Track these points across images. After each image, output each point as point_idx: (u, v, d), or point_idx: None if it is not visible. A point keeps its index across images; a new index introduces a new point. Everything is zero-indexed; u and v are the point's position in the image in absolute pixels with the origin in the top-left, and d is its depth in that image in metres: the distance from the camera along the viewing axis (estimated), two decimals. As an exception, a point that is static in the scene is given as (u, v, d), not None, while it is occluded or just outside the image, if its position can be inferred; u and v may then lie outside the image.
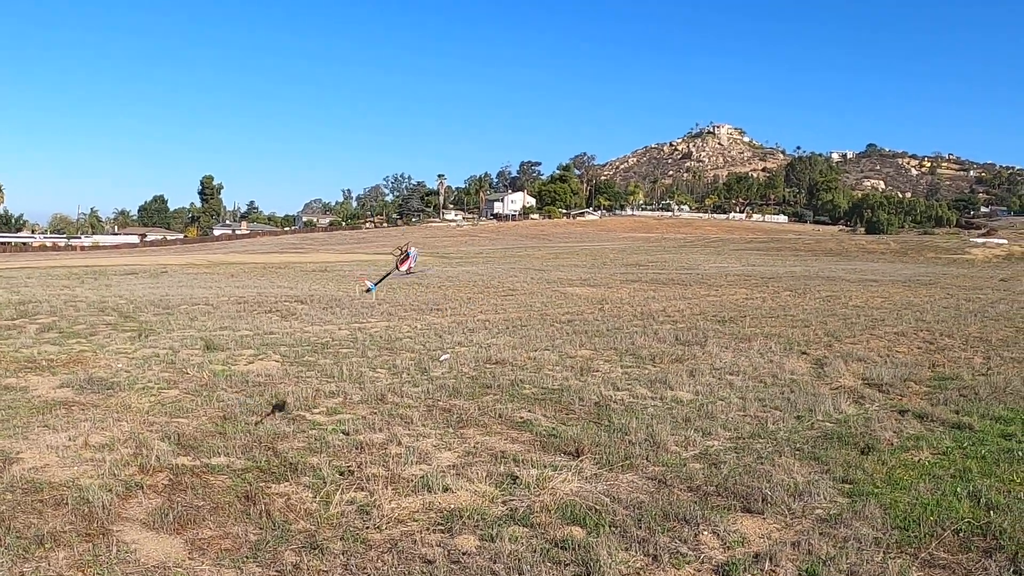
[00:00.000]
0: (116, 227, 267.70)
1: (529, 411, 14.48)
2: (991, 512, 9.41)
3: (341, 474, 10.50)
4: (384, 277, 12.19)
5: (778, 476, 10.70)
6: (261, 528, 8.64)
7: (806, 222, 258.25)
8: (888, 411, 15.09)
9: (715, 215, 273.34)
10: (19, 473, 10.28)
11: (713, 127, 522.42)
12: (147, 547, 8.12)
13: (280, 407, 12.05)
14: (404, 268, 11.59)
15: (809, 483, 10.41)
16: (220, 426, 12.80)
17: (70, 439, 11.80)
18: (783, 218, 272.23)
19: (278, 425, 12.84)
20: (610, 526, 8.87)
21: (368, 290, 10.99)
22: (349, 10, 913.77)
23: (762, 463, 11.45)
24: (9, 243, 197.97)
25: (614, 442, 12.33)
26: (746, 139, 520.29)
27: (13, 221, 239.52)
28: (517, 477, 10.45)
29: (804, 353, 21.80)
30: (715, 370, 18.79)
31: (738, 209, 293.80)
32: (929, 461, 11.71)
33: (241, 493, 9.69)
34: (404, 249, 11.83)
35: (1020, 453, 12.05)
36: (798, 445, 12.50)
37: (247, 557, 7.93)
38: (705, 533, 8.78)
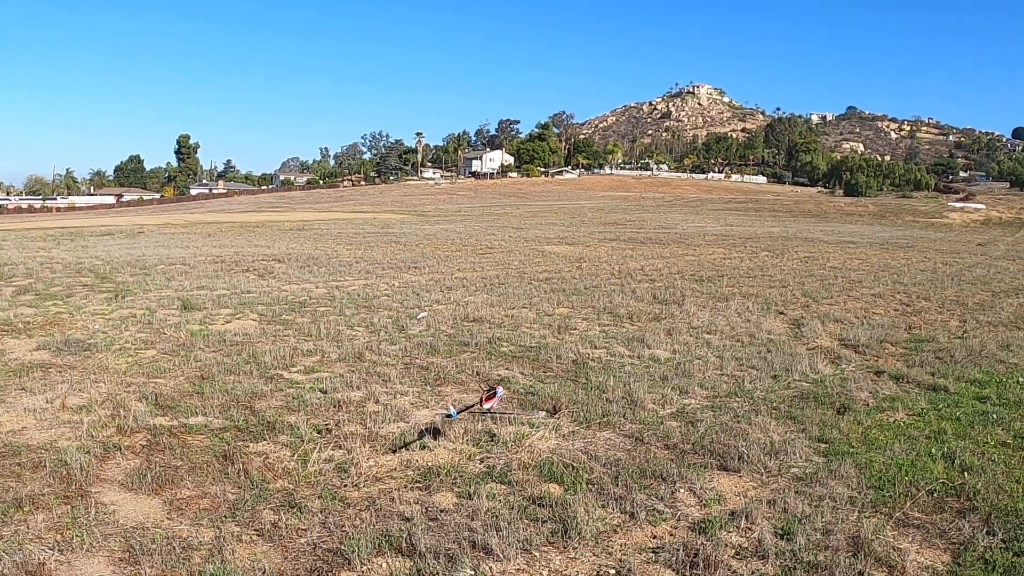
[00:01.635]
0: (92, 188, 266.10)
1: (507, 369, 14.53)
2: (965, 473, 9.49)
3: (319, 432, 10.52)
4: (467, 408, 12.14)
5: (754, 435, 10.77)
6: (239, 487, 8.65)
7: (785, 183, 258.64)
8: (864, 372, 15.18)
9: (694, 175, 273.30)
10: (-4, 436, 10.27)
11: (693, 87, 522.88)
12: (126, 508, 8.13)
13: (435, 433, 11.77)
14: (488, 406, 11.53)
15: (785, 442, 10.48)
16: (198, 386, 12.78)
17: (47, 401, 11.76)
18: (762, 179, 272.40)
19: (255, 384, 12.84)
20: (587, 483, 8.92)
21: (449, 416, 10.90)
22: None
23: (739, 422, 11.52)
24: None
25: (592, 400, 12.38)
26: (726, 99, 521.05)
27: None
28: (494, 435, 10.50)
29: (781, 313, 21.92)
30: (692, 329, 18.86)
31: (717, 169, 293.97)
32: (904, 422, 11.80)
33: (219, 453, 9.69)
34: (494, 387, 11.78)
35: (994, 416, 12.15)
36: (775, 404, 12.58)
37: (225, 516, 7.95)
38: (682, 491, 8.84)
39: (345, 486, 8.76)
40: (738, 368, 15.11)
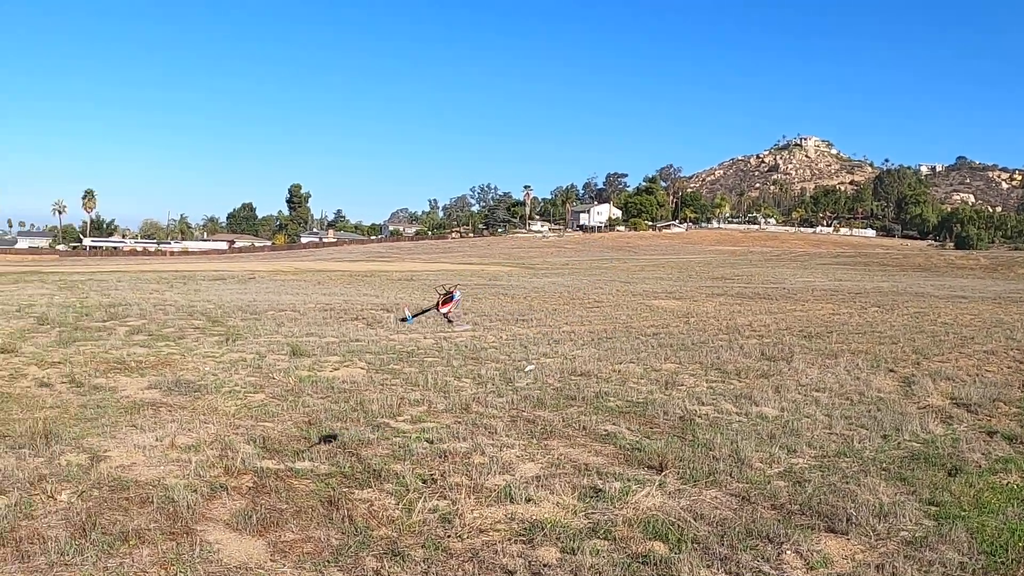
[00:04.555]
0: (205, 233, 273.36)
1: (613, 424, 14.33)
2: (1084, 541, 9.07)
3: (424, 482, 10.47)
4: (423, 312, 12.14)
5: (863, 496, 10.44)
6: (343, 533, 8.63)
7: (894, 236, 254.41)
8: (977, 432, 14.65)
9: (802, 229, 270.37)
10: (106, 471, 10.45)
11: (800, 139, 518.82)
12: (230, 548, 8.17)
13: (330, 439, 12.08)
14: (444, 310, 11.57)
15: (895, 504, 10.13)
16: (305, 431, 12.87)
17: (157, 439, 11.97)
18: (871, 232, 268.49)
19: (362, 431, 12.88)
20: (692, 542, 8.71)
21: (404, 319, 11.02)
22: (435, 21, 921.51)
23: (847, 482, 11.18)
24: (101, 247, 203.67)
25: (698, 457, 12.14)
26: (833, 151, 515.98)
27: (105, 226, 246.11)
28: (600, 490, 10.34)
29: (891, 371, 21.34)
30: (801, 386, 18.47)
31: (825, 223, 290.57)
32: (1018, 485, 11.34)
33: (324, 498, 9.70)
34: (450, 291, 11.79)
35: (1116, 481, 11.64)
36: (884, 465, 12.20)
37: (328, 561, 7.93)
38: (788, 552, 8.58)
39: (449, 536, 8.68)
40: (847, 427, 14.70)
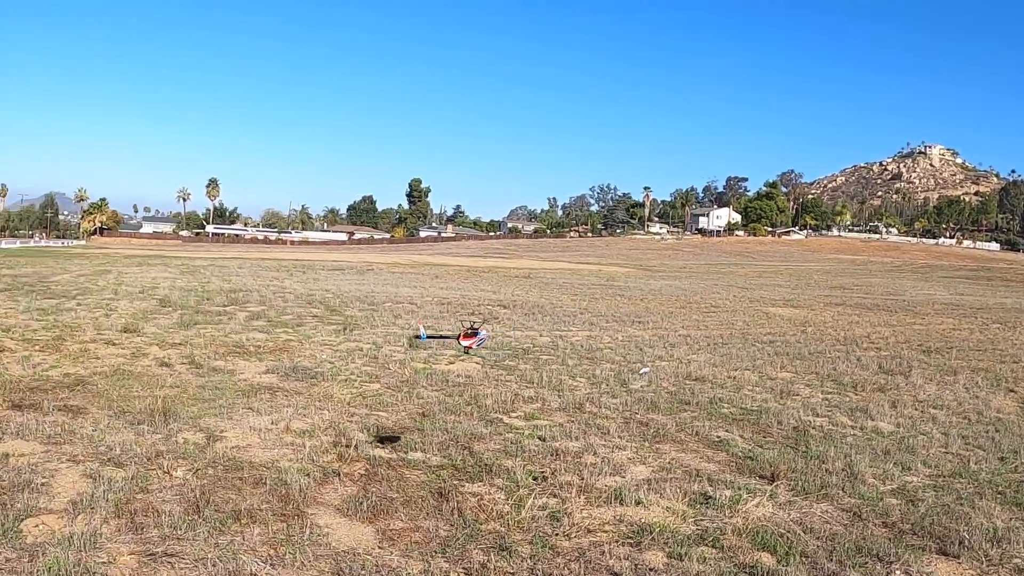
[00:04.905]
0: (325, 224, 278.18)
1: (726, 431, 14.11)
2: None
3: (535, 479, 10.42)
4: (441, 337, 12.11)
5: (977, 519, 10.05)
6: (452, 525, 8.62)
7: (1019, 251, 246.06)
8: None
9: (923, 239, 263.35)
10: (222, 450, 10.66)
11: (924, 147, 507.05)
12: (339, 532, 8.22)
13: (390, 440, 12.07)
14: (466, 343, 11.47)
15: (1009, 529, 9.72)
16: (419, 422, 12.95)
17: (272, 423, 12.17)
18: (995, 245, 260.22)
19: (475, 425, 12.89)
20: (801, 555, 8.48)
21: (417, 336, 10.98)
22: (559, 25, 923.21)
23: (961, 504, 10.79)
24: (223, 234, 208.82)
25: (811, 469, 11.87)
26: (958, 161, 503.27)
27: (228, 214, 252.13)
28: (710, 497, 10.16)
29: (1012, 391, 20.62)
30: (918, 402, 17.96)
31: (948, 234, 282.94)
32: None
33: (435, 489, 9.72)
34: (476, 328, 11.69)
35: None
36: (1000, 488, 11.74)
37: (436, 551, 7.91)
38: (898, 572, 8.29)
39: (556, 535, 8.60)
40: (964, 447, 14.21)
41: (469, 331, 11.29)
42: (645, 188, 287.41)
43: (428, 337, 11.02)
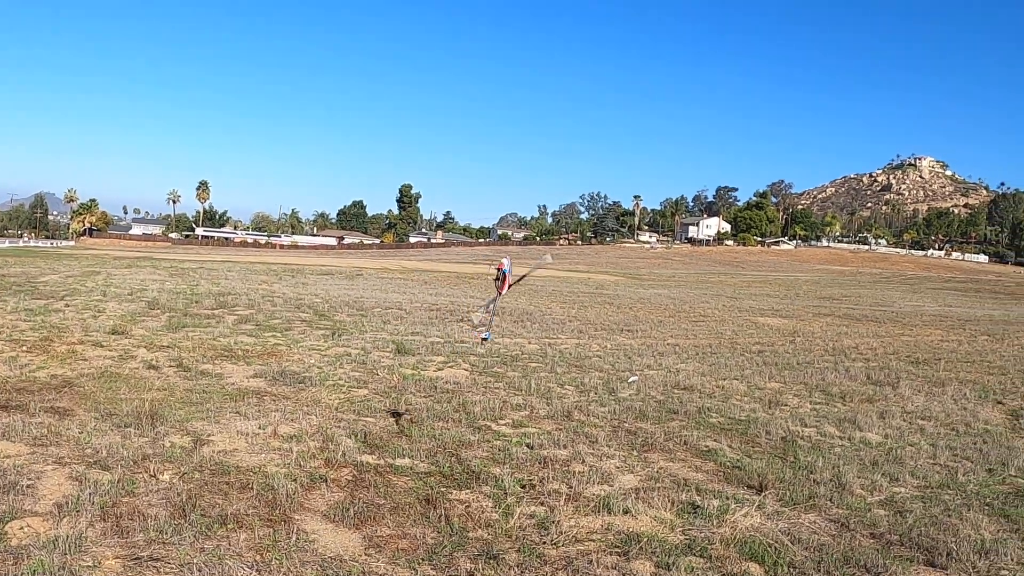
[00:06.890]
0: (315, 228, 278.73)
1: (715, 440, 14.11)
2: None
3: (523, 487, 10.40)
4: (491, 311, 12.05)
5: (965, 531, 10.07)
6: (439, 532, 8.61)
7: (1007, 263, 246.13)
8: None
9: (912, 251, 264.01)
10: (208, 455, 10.62)
11: (914, 159, 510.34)
12: (326, 538, 8.20)
13: (398, 415, 12.08)
14: (506, 289, 11.38)
15: (997, 541, 9.74)
16: (407, 428, 12.92)
17: (260, 427, 12.14)
18: (983, 258, 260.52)
19: (463, 432, 12.88)
20: (788, 566, 8.48)
21: (484, 339, 10.95)
22: (545, 30, 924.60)
23: (949, 515, 10.80)
24: (212, 237, 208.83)
25: (799, 480, 11.87)
26: (948, 173, 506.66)
27: (217, 217, 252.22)
28: (698, 506, 10.15)
29: (1000, 403, 20.68)
30: (906, 413, 18.00)
31: (937, 246, 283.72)
32: None
33: (422, 496, 9.70)
34: (499, 268, 11.58)
35: None
36: (988, 500, 11.77)
37: (423, 559, 7.90)
38: (886, 583, 8.35)
39: (544, 543, 8.58)
40: (952, 458, 14.24)
41: (499, 276, 11.18)
42: (635, 197, 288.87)
43: (490, 334, 10.86)
